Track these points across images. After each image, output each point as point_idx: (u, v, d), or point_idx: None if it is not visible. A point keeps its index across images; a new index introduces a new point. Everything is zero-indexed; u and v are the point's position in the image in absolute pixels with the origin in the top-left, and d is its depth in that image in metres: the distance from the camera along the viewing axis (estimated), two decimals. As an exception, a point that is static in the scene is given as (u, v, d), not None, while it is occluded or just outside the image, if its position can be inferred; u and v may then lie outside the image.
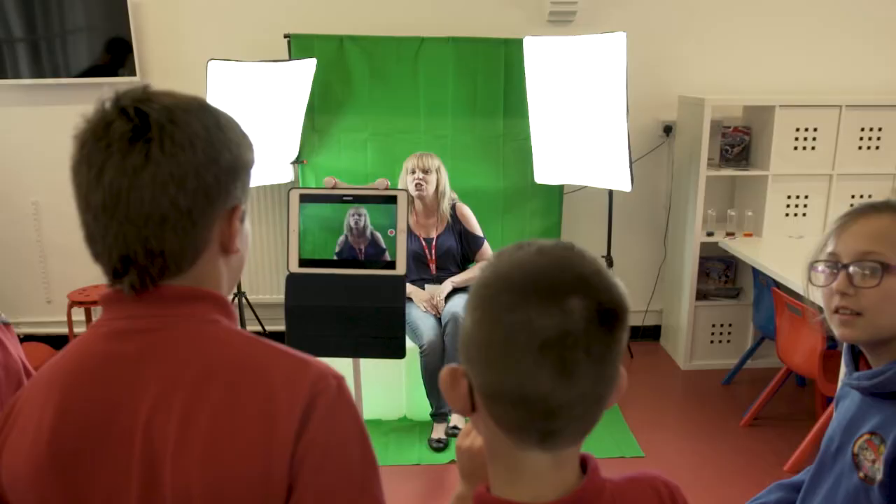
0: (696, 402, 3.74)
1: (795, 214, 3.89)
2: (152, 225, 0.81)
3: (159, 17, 3.90)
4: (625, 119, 3.40)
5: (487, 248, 3.58)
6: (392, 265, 1.57)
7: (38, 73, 3.87)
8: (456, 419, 3.35)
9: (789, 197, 3.86)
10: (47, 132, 3.97)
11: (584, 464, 0.82)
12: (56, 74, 3.88)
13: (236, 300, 3.89)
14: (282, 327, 2.24)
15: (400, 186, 3.46)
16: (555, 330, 0.70)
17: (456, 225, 3.54)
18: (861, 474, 1.16)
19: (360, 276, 1.49)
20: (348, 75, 3.79)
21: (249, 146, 0.91)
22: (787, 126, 3.76)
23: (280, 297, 2.42)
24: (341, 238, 1.54)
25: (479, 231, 3.56)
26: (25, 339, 4.17)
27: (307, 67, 3.59)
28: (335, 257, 1.55)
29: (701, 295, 4.05)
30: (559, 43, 3.60)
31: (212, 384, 0.82)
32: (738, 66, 4.10)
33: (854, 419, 1.22)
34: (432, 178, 3.43)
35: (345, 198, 1.50)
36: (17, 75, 3.87)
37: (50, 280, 4.24)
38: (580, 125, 3.59)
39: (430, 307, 3.38)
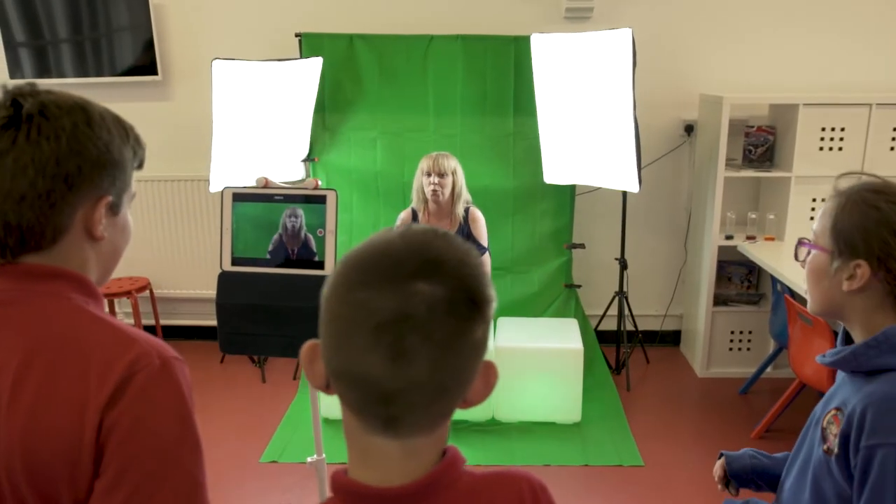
0: (709, 411, 3.61)
1: (821, 218, 3.70)
2: (11, 201, 0.92)
3: (179, 18, 4.00)
4: (632, 118, 3.30)
5: (486, 261, 3.50)
6: (321, 265, 1.57)
7: (83, 72, 4.01)
8: None
9: (814, 200, 3.68)
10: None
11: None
12: (99, 73, 4.01)
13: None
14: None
15: (414, 186, 3.41)
16: (392, 312, 0.69)
17: (466, 227, 3.47)
18: (825, 447, 1.21)
19: (289, 275, 1.50)
20: (358, 74, 3.80)
21: (128, 146, 1.03)
22: (812, 125, 3.58)
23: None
24: (276, 237, 1.55)
25: (484, 241, 3.48)
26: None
27: (313, 66, 3.62)
28: (268, 256, 1.56)
29: (721, 300, 3.91)
30: (566, 40, 3.52)
31: (40, 355, 0.92)
32: (763, 62, 3.93)
33: (832, 394, 1.28)
34: (448, 181, 3.34)
35: (276, 197, 1.51)
36: (61, 74, 4.03)
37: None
38: (588, 124, 3.51)
39: None
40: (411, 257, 0.72)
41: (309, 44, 3.74)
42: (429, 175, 3.32)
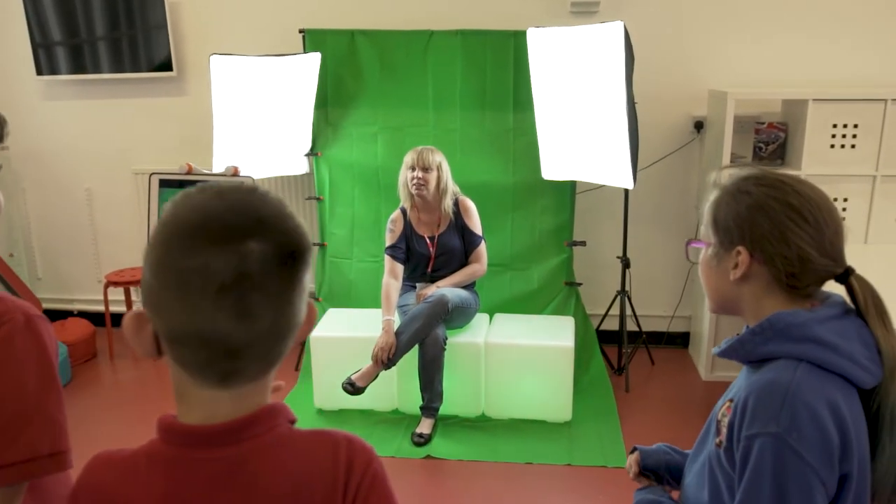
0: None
1: (833, 218, 3.55)
2: None
3: (192, 14, 4.11)
4: (625, 113, 3.23)
5: (483, 250, 3.47)
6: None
7: (116, 68, 4.16)
8: (423, 426, 3.31)
9: (825, 199, 3.53)
10: (97, 126, 4.29)
11: None
12: (136, 69, 4.14)
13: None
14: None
15: (400, 182, 3.41)
16: (231, 274, 0.73)
17: (459, 221, 3.44)
18: (718, 440, 1.19)
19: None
20: (359, 69, 3.83)
21: None
22: (823, 122, 3.43)
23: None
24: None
25: (478, 229, 3.47)
26: (79, 315, 4.51)
27: (311, 61, 3.66)
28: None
29: (727, 302, 3.78)
30: (561, 34, 3.47)
31: None
32: (774, 57, 3.79)
33: (731, 386, 1.28)
34: (433, 175, 3.32)
35: (199, 183, 1.54)
36: (97, 70, 4.19)
37: (101, 261, 4.56)
38: (584, 119, 3.45)
39: (420, 299, 3.35)
40: (236, 218, 0.76)
41: (312, 39, 3.79)
42: (413, 169, 3.30)
